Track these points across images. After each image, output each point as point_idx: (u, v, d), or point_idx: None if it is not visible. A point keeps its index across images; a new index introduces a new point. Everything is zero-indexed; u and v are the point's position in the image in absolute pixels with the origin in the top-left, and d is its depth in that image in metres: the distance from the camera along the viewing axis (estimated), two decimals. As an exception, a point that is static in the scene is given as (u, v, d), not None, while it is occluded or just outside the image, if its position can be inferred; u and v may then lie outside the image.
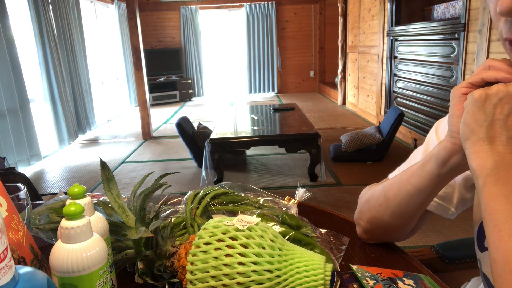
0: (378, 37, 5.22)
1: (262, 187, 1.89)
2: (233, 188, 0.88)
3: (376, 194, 0.72)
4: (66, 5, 5.11)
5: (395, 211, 0.68)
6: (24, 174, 2.52)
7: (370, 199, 0.74)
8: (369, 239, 0.78)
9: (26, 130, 3.91)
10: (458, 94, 0.55)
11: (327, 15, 8.67)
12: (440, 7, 3.85)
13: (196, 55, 8.76)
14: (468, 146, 0.51)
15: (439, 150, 0.57)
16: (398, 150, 4.20)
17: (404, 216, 0.68)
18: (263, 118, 4.04)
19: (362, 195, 0.78)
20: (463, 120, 0.52)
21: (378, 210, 0.71)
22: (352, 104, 6.65)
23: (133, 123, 6.26)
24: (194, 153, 3.77)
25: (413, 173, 0.63)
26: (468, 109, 0.51)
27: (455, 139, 0.54)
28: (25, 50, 4.28)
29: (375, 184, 0.77)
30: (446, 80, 3.55)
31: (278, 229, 0.72)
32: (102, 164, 0.66)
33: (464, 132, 0.51)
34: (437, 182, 0.60)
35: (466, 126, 0.51)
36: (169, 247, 0.64)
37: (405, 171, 0.66)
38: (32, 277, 0.39)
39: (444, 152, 0.56)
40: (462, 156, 0.54)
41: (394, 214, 0.69)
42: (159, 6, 8.51)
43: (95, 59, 6.37)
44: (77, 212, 0.48)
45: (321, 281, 0.56)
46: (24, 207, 0.64)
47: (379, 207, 0.70)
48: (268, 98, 8.52)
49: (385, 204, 0.69)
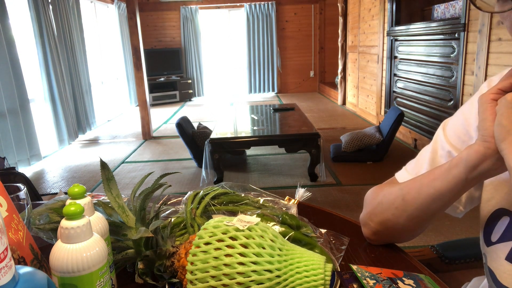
0: (378, 37, 5.22)
1: (262, 187, 1.90)
2: (233, 188, 0.88)
3: (392, 196, 0.71)
4: (66, 5, 5.12)
5: (413, 214, 0.67)
6: (24, 174, 2.52)
7: (384, 201, 0.73)
8: (376, 240, 0.77)
9: (26, 130, 3.91)
10: (488, 99, 0.55)
11: (327, 15, 8.67)
12: (440, 7, 3.85)
13: (196, 55, 8.76)
14: (505, 146, 0.51)
15: (469, 155, 0.56)
16: (398, 150, 4.20)
17: (420, 219, 0.68)
18: (263, 118, 4.04)
19: (372, 197, 0.77)
20: (498, 122, 0.52)
21: (394, 212, 0.70)
22: (352, 104, 6.65)
23: (133, 123, 6.26)
24: (194, 153, 3.77)
25: (436, 176, 0.62)
26: (502, 112, 0.52)
27: (489, 143, 0.54)
28: (25, 50, 4.28)
29: (385, 185, 0.76)
30: (446, 80, 3.55)
31: (278, 229, 0.72)
32: (102, 164, 0.66)
33: (500, 133, 0.52)
34: (462, 187, 0.60)
35: (502, 127, 0.51)
36: (169, 247, 0.64)
37: (427, 174, 0.65)
38: (32, 277, 0.39)
39: (475, 156, 0.55)
40: (495, 161, 0.54)
41: (411, 217, 0.68)
42: (159, 6, 8.51)
43: (95, 59, 6.37)
44: (77, 212, 0.48)
45: (321, 281, 0.56)
46: (24, 207, 0.64)
47: (395, 210, 0.70)
48: (268, 98, 8.52)
49: (402, 207, 0.68)
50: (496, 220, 0.61)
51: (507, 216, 0.59)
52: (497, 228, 0.60)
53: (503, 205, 0.60)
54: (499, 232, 0.59)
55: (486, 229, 0.62)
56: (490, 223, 0.62)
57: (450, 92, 3.49)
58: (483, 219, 0.63)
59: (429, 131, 3.92)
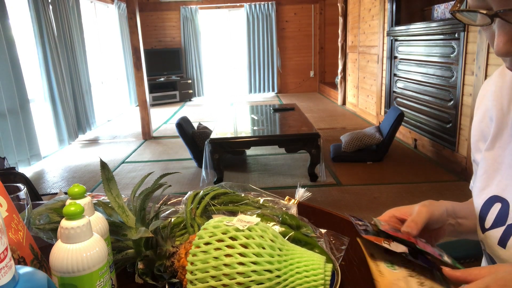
0: (378, 37, 5.22)
1: (262, 187, 1.90)
2: (233, 188, 0.88)
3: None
4: (66, 5, 5.12)
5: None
6: (24, 174, 2.52)
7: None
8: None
9: (26, 130, 3.91)
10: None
11: (327, 15, 8.67)
12: (440, 7, 3.85)
13: (196, 55, 8.76)
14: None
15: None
16: (398, 150, 4.20)
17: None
18: (263, 118, 4.04)
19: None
20: None
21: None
22: (352, 104, 6.65)
23: (133, 123, 6.26)
24: (194, 153, 3.77)
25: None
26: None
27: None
28: (25, 50, 4.28)
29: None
30: (446, 80, 3.55)
31: (278, 229, 0.72)
32: (102, 164, 0.66)
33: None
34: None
35: None
36: (169, 247, 0.64)
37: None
38: (32, 277, 0.39)
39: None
40: None
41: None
42: (159, 6, 8.51)
43: (95, 59, 6.37)
44: (77, 212, 0.48)
45: (321, 281, 0.56)
46: (24, 207, 0.64)
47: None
48: (268, 98, 8.52)
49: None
50: (489, 207, 0.62)
51: (499, 203, 0.60)
52: (490, 214, 0.61)
53: (496, 192, 0.61)
54: (492, 219, 0.61)
55: (480, 217, 0.64)
56: (484, 210, 0.63)
57: (450, 92, 3.49)
58: (478, 207, 0.65)
59: (429, 131, 3.92)
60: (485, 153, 0.65)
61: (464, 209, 0.71)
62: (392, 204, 2.86)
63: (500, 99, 0.63)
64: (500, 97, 0.63)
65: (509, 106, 0.61)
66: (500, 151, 0.62)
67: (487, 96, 0.67)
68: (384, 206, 2.83)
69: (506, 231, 0.58)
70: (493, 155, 0.63)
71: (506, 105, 0.62)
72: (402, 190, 3.09)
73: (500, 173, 0.61)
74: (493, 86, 0.66)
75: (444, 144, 3.61)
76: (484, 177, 0.64)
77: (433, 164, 3.69)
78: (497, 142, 0.63)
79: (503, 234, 0.58)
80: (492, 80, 0.68)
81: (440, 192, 3.01)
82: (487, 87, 0.68)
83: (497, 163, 0.62)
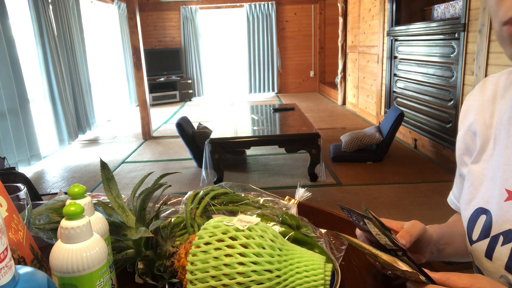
0: (378, 37, 5.22)
1: (262, 187, 1.90)
2: (233, 188, 0.88)
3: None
4: (66, 5, 5.12)
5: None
6: (24, 174, 2.52)
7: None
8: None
9: (26, 130, 3.91)
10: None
11: (327, 15, 8.67)
12: (440, 7, 3.85)
13: (196, 55, 8.76)
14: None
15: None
16: (398, 150, 4.20)
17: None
18: (263, 118, 4.04)
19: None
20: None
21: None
22: (352, 104, 6.65)
23: (133, 123, 6.26)
24: (194, 153, 3.77)
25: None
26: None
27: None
28: (25, 50, 4.28)
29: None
30: (446, 80, 3.55)
31: (278, 229, 0.72)
32: (102, 164, 0.66)
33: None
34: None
35: None
36: (169, 247, 0.64)
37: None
38: (32, 277, 0.39)
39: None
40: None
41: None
42: (159, 6, 8.51)
43: (95, 59, 6.37)
44: (77, 212, 0.48)
45: (321, 281, 0.56)
46: (24, 207, 0.64)
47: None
48: (268, 98, 8.52)
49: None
50: (476, 219, 0.62)
51: (484, 214, 0.61)
52: (476, 227, 0.62)
53: (481, 204, 0.62)
54: (478, 231, 0.61)
55: (468, 229, 0.64)
56: (471, 223, 0.64)
57: (450, 92, 3.49)
58: (465, 220, 0.65)
59: (429, 131, 3.92)
60: (471, 166, 0.66)
61: (448, 234, 0.72)
62: (392, 204, 2.86)
63: (483, 113, 0.65)
64: (483, 111, 0.65)
65: (491, 120, 0.63)
66: (485, 164, 0.63)
67: (469, 111, 0.68)
68: (384, 206, 2.83)
69: (490, 243, 0.59)
70: (479, 168, 0.64)
71: (488, 119, 0.63)
72: (402, 190, 3.09)
73: (485, 185, 0.62)
74: (476, 101, 0.67)
75: (444, 144, 3.61)
76: (471, 190, 0.65)
77: (433, 164, 3.69)
78: (482, 155, 0.64)
79: (488, 246, 0.59)
80: (474, 95, 0.69)
81: (440, 192, 3.01)
82: (470, 102, 0.69)
83: (482, 175, 0.63)
